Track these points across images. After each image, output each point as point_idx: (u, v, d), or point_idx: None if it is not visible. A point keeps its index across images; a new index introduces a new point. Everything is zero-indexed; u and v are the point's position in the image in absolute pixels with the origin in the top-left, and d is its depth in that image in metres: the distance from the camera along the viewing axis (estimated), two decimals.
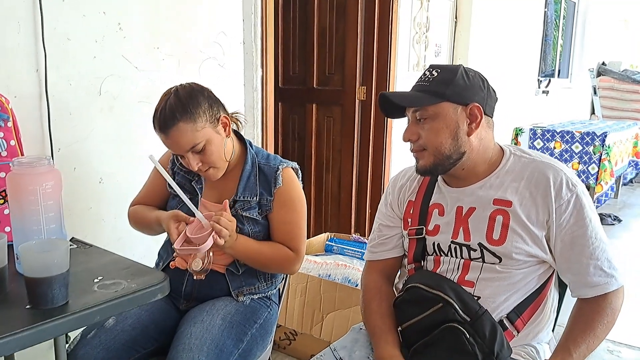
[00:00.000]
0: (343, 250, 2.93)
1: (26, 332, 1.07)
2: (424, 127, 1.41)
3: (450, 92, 1.39)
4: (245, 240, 1.64)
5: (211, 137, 1.58)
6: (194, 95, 1.56)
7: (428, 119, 1.40)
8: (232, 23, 2.53)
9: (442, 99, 1.39)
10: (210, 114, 1.58)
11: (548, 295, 1.46)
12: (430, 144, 1.40)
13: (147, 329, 1.61)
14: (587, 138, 5.26)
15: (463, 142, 1.40)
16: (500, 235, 1.39)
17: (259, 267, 1.72)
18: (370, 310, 1.53)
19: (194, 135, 1.54)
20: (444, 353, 1.33)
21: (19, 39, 1.78)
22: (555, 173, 1.39)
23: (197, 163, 1.59)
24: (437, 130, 1.39)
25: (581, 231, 1.36)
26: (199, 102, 1.56)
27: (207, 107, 1.57)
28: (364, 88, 3.73)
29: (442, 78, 1.40)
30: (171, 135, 1.54)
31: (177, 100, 1.54)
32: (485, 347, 1.30)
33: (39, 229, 1.30)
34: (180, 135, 1.53)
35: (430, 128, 1.40)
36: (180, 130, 1.53)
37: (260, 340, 1.69)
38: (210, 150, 1.59)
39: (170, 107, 1.53)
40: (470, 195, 1.46)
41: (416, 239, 1.52)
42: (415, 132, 1.42)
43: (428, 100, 1.39)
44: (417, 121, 1.42)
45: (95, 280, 1.30)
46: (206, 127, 1.56)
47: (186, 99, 1.54)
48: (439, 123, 1.39)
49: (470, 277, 1.42)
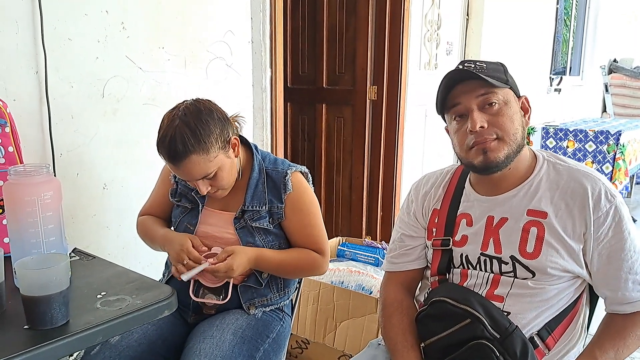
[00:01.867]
0: (355, 255, 2.86)
1: (24, 356, 1.01)
2: (496, 113, 1.30)
3: (510, 80, 1.34)
4: (267, 253, 1.59)
5: (223, 164, 1.51)
6: (205, 122, 1.46)
7: (499, 104, 1.30)
8: (240, 21, 2.46)
9: (507, 85, 1.32)
10: (222, 139, 1.50)
11: (580, 311, 1.38)
12: (507, 130, 1.30)
13: (154, 344, 1.54)
14: (601, 137, 5.17)
15: (525, 134, 1.34)
16: (535, 248, 1.30)
17: (287, 276, 1.69)
18: (391, 325, 1.44)
19: (206, 165, 1.47)
20: None
21: (17, 39, 1.72)
22: (594, 183, 1.30)
23: (207, 187, 1.53)
24: (512, 116, 1.31)
25: (620, 244, 1.28)
26: (211, 129, 1.46)
27: (218, 134, 1.48)
28: (375, 88, 3.66)
29: (495, 67, 1.34)
30: (182, 167, 1.46)
31: (186, 128, 1.43)
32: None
33: (38, 242, 1.24)
34: (193, 167, 1.46)
35: (506, 114, 1.30)
36: (192, 162, 1.44)
37: (274, 355, 1.61)
38: (222, 176, 1.52)
39: (180, 136, 1.43)
40: (502, 204, 1.37)
41: (441, 250, 1.43)
42: (485, 119, 1.30)
43: (500, 82, 1.30)
44: (483, 109, 1.30)
45: (98, 297, 1.24)
46: (219, 155, 1.49)
47: (197, 128, 1.44)
48: (511, 109, 1.31)
49: (499, 291, 1.33)
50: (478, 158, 1.32)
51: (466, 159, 1.35)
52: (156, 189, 1.79)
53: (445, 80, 1.34)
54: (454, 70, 1.33)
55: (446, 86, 1.34)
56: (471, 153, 1.32)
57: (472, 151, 1.32)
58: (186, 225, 1.65)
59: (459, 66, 1.33)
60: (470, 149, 1.32)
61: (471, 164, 1.34)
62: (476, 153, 1.32)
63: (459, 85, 1.32)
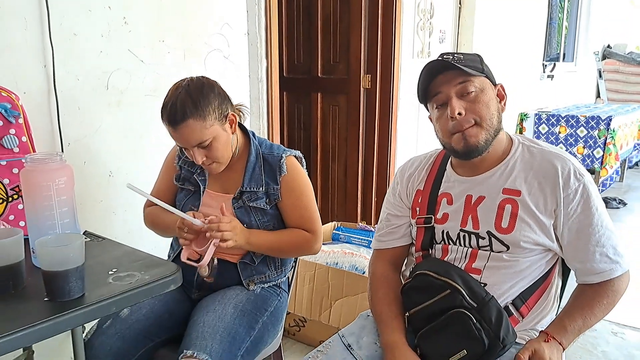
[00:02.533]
0: (350, 238, 2.96)
1: (45, 324, 1.10)
2: (473, 100, 1.40)
3: (486, 69, 1.44)
4: (260, 234, 1.69)
5: (218, 134, 1.60)
6: (206, 93, 1.57)
7: (475, 92, 1.40)
8: (236, 14, 2.54)
9: (483, 74, 1.42)
10: (220, 111, 1.60)
11: (552, 282, 1.49)
12: (483, 116, 1.40)
13: (161, 318, 1.66)
14: (592, 122, 5.25)
15: (501, 119, 1.45)
16: (509, 224, 1.41)
17: (280, 255, 1.77)
18: (378, 298, 1.56)
19: (202, 132, 1.56)
20: (451, 338, 1.36)
21: (26, 35, 1.81)
22: (564, 163, 1.41)
23: (202, 157, 1.62)
24: (487, 103, 1.41)
25: (588, 220, 1.39)
26: (210, 100, 1.57)
27: (217, 105, 1.59)
28: (369, 76, 3.74)
29: (472, 58, 1.44)
30: (180, 130, 1.56)
31: (188, 96, 1.55)
32: (491, 332, 1.32)
33: (53, 223, 1.34)
34: (189, 131, 1.56)
35: (482, 101, 1.40)
36: (189, 126, 1.55)
37: (272, 327, 1.73)
38: (216, 146, 1.61)
39: (181, 102, 1.54)
40: (480, 184, 1.48)
41: (424, 227, 1.55)
42: (463, 106, 1.40)
43: (476, 71, 1.40)
44: (461, 96, 1.41)
45: (109, 273, 1.34)
46: (214, 124, 1.58)
47: (197, 96, 1.55)
48: (486, 96, 1.42)
49: (477, 265, 1.44)
50: (460, 144, 1.42)
51: (449, 144, 1.46)
52: (160, 176, 1.88)
53: (426, 70, 1.44)
54: (434, 61, 1.43)
55: (427, 76, 1.44)
56: (453, 139, 1.43)
57: (454, 137, 1.43)
58: (190, 207, 1.75)
59: (439, 57, 1.43)
60: (452, 135, 1.43)
61: (453, 149, 1.45)
62: (458, 139, 1.42)
63: (439, 76, 1.43)
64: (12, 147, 1.60)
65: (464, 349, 1.34)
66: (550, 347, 1.36)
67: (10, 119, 1.59)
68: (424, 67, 1.44)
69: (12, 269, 1.23)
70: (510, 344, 1.35)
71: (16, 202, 1.61)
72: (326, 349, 1.49)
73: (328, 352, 1.48)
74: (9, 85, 1.69)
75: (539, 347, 1.35)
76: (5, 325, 1.07)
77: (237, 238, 1.59)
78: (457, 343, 1.35)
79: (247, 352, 1.60)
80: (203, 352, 1.45)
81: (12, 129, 1.60)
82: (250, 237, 1.65)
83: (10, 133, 1.60)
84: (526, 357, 1.34)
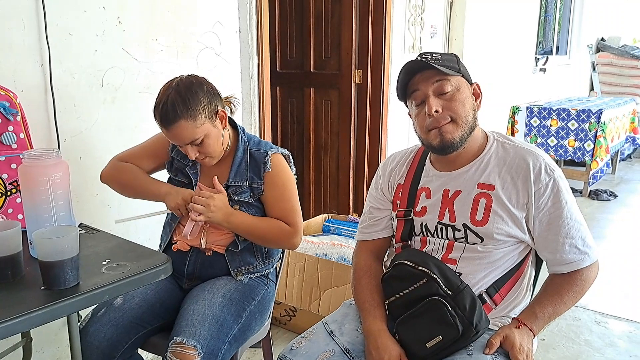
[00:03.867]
0: (340, 230, 3.03)
1: (42, 311, 1.17)
2: (449, 98, 1.47)
3: (462, 69, 1.51)
4: (242, 215, 1.75)
5: (209, 132, 1.67)
6: (195, 92, 1.63)
7: (451, 91, 1.47)
8: (227, 13, 2.60)
9: (459, 73, 1.49)
10: (209, 109, 1.66)
11: (525, 272, 1.56)
12: (459, 113, 1.47)
13: (153, 306, 1.73)
14: (583, 115, 5.32)
15: (476, 116, 1.52)
16: (483, 216, 1.49)
17: (258, 241, 1.81)
18: (361, 287, 1.63)
19: (193, 131, 1.63)
20: (427, 324, 1.43)
21: (23, 35, 1.87)
22: (535, 159, 1.48)
23: (195, 153, 1.69)
24: (463, 101, 1.48)
25: (558, 212, 1.46)
26: (200, 99, 1.63)
27: (206, 103, 1.65)
28: (360, 71, 3.80)
29: (449, 58, 1.51)
30: (172, 130, 1.63)
31: (178, 96, 1.61)
32: (465, 319, 1.40)
33: (50, 216, 1.41)
34: (181, 131, 1.62)
35: (457, 99, 1.47)
36: (181, 126, 1.61)
37: (259, 316, 1.80)
38: (208, 143, 1.68)
39: (171, 103, 1.60)
40: (456, 179, 1.55)
41: (404, 220, 1.62)
42: (440, 104, 1.47)
43: (452, 71, 1.47)
44: (438, 95, 1.48)
45: (103, 263, 1.40)
46: (205, 123, 1.65)
47: (187, 96, 1.61)
48: (462, 94, 1.49)
49: (453, 255, 1.52)
50: (436, 140, 1.50)
51: (426, 140, 1.53)
52: (149, 143, 1.91)
53: (405, 69, 1.52)
54: (412, 60, 1.50)
55: (405, 75, 1.52)
56: (430, 135, 1.51)
57: (430, 133, 1.50)
58: None
59: (418, 57, 1.50)
60: (429, 131, 1.50)
61: (430, 144, 1.52)
62: (434, 135, 1.50)
63: (417, 75, 1.50)
64: (10, 144, 1.67)
65: (439, 335, 1.41)
66: (520, 332, 1.43)
67: (8, 117, 1.66)
68: (403, 66, 1.51)
69: (11, 260, 1.29)
70: (482, 330, 1.42)
71: (14, 196, 1.68)
72: (310, 335, 1.57)
73: (311, 338, 1.55)
74: (7, 84, 1.76)
75: (510, 333, 1.42)
76: (4, 312, 1.13)
77: (212, 215, 1.67)
78: (433, 329, 1.42)
79: (235, 339, 1.67)
80: (192, 338, 1.52)
81: (11, 126, 1.67)
82: (230, 216, 1.72)
83: (9, 130, 1.67)
84: (497, 342, 1.41)
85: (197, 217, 1.66)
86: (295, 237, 1.80)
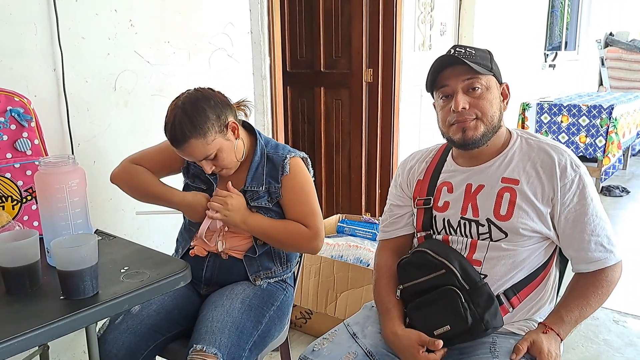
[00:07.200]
0: (354, 231, 3.00)
1: (62, 322, 1.15)
2: (478, 96, 1.46)
3: (495, 68, 1.50)
4: (259, 217, 1.73)
5: (222, 145, 1.65)
6: (202, 108, 1.60)
7: (481, 89, 1.46)
8: (239, 14, 2.58)
9: (490, 73, 1.48)
10: (219, 124, 1.63)
11: (549, 273, 1.53)
12: (486, 112, 1.46)
13: (171, 313, 1.71)
14: (594, 111, 5.28)
15: (502, 117, 1.51)
16: (508, 211, 1.46)
17: (277, 245, 1.79)
18: (380, 287, 1.61)
19: (205, 148, 1.61)
20: (438, 312, 1.42)
21: (36, 40, 1.86)
22: (560, 154, 1.47)
23: (211, 167, 1.67)
24: (491, 101, 1.47)
25: (583, 209, 1.44)
26: (208, 115, 1.60)
27: (215, 118, 1.61)
28: (371, 70, 3.77)
29: (482, 55, 1.49)
30: (183, 150, 1.61)
31: (184, 116, 1.58)
32: (477, 314, 1.38)
33: (67, 224, 1.39)
34: (193, 150, 1.60)
35: (486, 98, 1.47)
36: (192, 146, 1.59)
37: (278, 322, 1.78)
38: (222, 157, 1.66)
39: (179, 123, 1.57)
40: (479, 173, 1.54)
41: (424, 208, 1.60)
42: (468, 101, 1.46)
43: (484, 69, 1.46)
44: (467, 92, 1.47)
45: (121, 271, 1.39)
46: (217, 137, 1.62)
47: (194, 114, 1.58)
48: (491, 94, 1.48)
49: (477, 256, 1.49)
50: (457, 135, 1.49)
51: (447, 133, 1.53)
52: (163, 147, 1.83)
53: (437, 62, 1.50)
54: (445, 54, 1.49)
55: (437, 68, 1.50)
56: (452, 129, 1.50)
57: (452, 128, 1.50)
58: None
59: (451, 50, 1.49)
60: (451, 125, 1.50)
61: (451, 139, 1.52)
62: (456, 130, 1.49)
63: (448, 69, 1.48)
64: (25, 150, 1.65)
65: (447, 325, 1.40)
66: (548, 338, 1.41)
67: (23, 123, 1.64)
68: (436, 59, 1.50)
69: (28, 269, 1.27)
70: (493, 329, 1.40)
71: (30, 203, 1.66)
72: (332, 337, 1.55)
73: (334, 340, 1.53)
74: (21, 90, 1.74)
75: (537, 338, 1.40)
76: (23, 323, 1.12)
77: (230, 214, 1.67)
78: (443, 318, 1.41)
79: (255, 346, 1.65)
80: (212, 346, 1.50)
81: (25, 132, 1.65)
82: (248, 218, 1.71)
83: (23, 136, 1.65)
84: (525, 347, 1.39)
85: (214, 214, 1.66)
86: (315, 241, 1.76)
